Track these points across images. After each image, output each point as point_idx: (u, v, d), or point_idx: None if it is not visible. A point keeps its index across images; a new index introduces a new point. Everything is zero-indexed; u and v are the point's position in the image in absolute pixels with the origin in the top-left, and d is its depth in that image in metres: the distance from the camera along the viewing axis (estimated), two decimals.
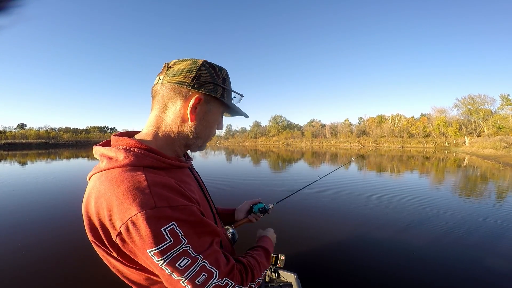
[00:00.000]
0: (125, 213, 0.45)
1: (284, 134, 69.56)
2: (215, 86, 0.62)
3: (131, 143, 0.56)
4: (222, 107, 0.67)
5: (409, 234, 3.64)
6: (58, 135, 69.26)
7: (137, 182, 0.47)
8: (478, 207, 5.07)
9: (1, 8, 0.62)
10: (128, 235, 0.45)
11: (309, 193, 6.30)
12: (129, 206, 0.44)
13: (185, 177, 0.62)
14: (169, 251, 0.45)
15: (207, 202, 0.67)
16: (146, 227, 0.44)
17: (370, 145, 45.31)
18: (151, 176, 0.50)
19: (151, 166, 0.53)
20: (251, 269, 0.62)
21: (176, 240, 0.46)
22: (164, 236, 0.45)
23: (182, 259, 0.47)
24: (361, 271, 2.63)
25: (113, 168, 0.51)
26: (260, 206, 1.06)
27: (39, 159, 18.38)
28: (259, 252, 0.74)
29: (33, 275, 2.55)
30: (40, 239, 3.44)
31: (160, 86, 0.61)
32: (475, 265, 2.77)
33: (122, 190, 0.46)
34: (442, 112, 46.23)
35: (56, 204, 5.28)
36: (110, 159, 0.53)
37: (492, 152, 19.71)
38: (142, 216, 0.44)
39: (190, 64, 0.60)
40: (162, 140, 0.62)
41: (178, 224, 0.47)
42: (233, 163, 15.20)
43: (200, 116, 0.62)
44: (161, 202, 0.46)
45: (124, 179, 0.48)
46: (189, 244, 0.48)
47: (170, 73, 0.60)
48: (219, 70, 0.64)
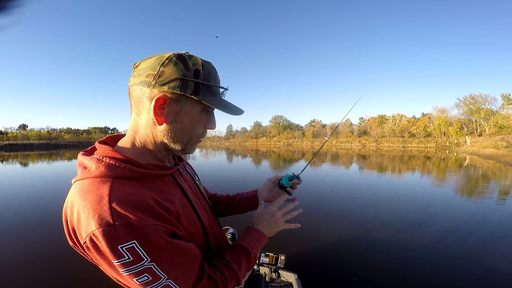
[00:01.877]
0: (87, 226, 0.45)
1: (285, 134, 69.47)
2: (184, 81, 0.53)
3: (105, 152, 0.54)
4: (199, 104, 0.57)
5: (410, 234, 3.65)
6: (59, 136, 69.42)
7: (99, 197, 0.46)
8: (479, 207, 5.08)
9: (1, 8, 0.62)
10: (91, 246, 0.45)
11: (309, 193, 6.31)
12: (90, 221, 0.44)
13: (164, 185, 0.58)
14: (129, 266, 0.45)
15: (192, 209, 0.62)
16: (104, 243, 0.43)
17: (371, 145, 45.24)
18: (117, 190, 0.48)
19: (123, 177, 0.51)
20: (224, 285, 0.59)
21: (135, 258, 0.45)
22: (122, 253, 0.44)
23: (143, 276, 0.46)
24: (361, 271, 2.64)
25: (85, 179, 0.50)
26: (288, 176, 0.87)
27: (40, 160, 18.46)
28: (238, 258, 0.65)
29: (36, 274, 2.58)
30: (40, 239, 3.47)
31: (129, 88, 0.56)
32: (477, 265, 2.78)
33: (86, 203, 0.46)
34: (443, 112, 46.15)
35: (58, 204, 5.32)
36: (84, 169, 0.52)
37: (493, 152, 19.66)
38: (100, 232, 0.43)
39: (154, 60, 0.54)
40: (139, 146, 0.58)
41: (139, 242, 0.45)
42: (233, 164, 15.23)
43: (170, 118, 0.55)
44: (119, 219, 0.44)
45: (90, 192, 0.47)
46: (153, 262, 0.47)
47: (136, 73, 0.55)
48: (191, 63, 0.55)
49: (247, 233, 0.73)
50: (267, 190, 0.93)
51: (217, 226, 0.77)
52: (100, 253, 0.46)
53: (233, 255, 0.66)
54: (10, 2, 0.63)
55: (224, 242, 0.76)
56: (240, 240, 0.70)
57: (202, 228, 0.63)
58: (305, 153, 26.06)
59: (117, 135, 0.65)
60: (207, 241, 0.64)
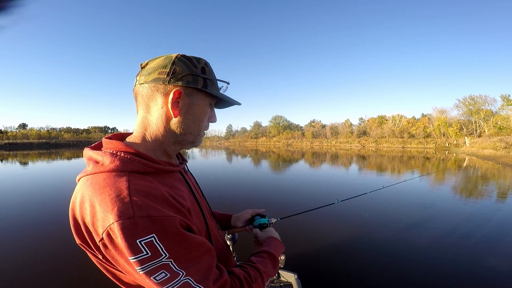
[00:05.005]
0: (105, 220, 0.44)
1: (285, 134, 69.41)
2: (194, 77, 0.59)
3: (118, 147, 0.55)
4: (207, 97, 0.64)
5: (410, 235, 3.67)
6: (59, 135, 69.24)
7: (118, 190, 0.46)
8: (478, 208, 5.10)
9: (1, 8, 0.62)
10: (109, 242, 0.45)
11: (310, 193, 6.34)
12: (108, 214, 0.44)
13: (174, 182, 0.60)
14: (146, 263, 0.44)
15: (198, 208, 0.64)
16: (122, 237, 0.43)
17: (371, 145, 45.25)
18: (135, 183, 0.48)
19: (138, 171, 0.52)
20: (249, 284, 0.58)
21: (154, 254, 0.44)
22: (140, 248, 0.43)
23: (160, 272, 0.45)
24: (361, 271, 2.66)
25: (99, 173, 0.50)
26: (262, 221, 0.93)
27: (40, 159, 18.45)
28: (263, 260, 0.68)
29: (40, 275, 2.60)
30: (42, 239, 3.49)
31: (138, 87, 0.60)
32: (476, 265, 2.80)
33: (103, 197, 0.46)
34: (442, 113, 46.13)
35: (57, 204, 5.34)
36: (96, 163, 0.52)
37: (492, 153, 19.70)
38: (118, 225, 0.43)
39: (164, 60, 0.59)
40: (150, 142, 0.60)
41: (158, 237, 0.45)
42: (233, 163, 15.23)
43: (184, 110, 0.60)
44: (140, 212, 0.44)
45: (107, 185, 0.47)
46: (171, 258, 0.46)
47: (145, 72, 0.59)
48: (196, 61, 0.61)
49: (269, 241, 0.80)
50: (243, 219, 0.97)
51: (216, 227, 0.80)
52: (117, 250, 0.45)
53: (259, 257, 0.69)
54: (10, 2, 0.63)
55: (224, 243, 0.79)
56: (265, 246, 0.76)
57: (206, 226, 0.65)
58: (304, 153, 26.06)
59: (123, 133, 0.66)
60: (209, 240, 0.66)
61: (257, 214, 0.98)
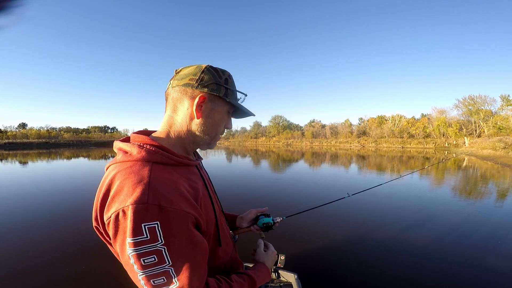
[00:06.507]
0: (122, 201, 0.50)
1: (284, 134, 69.31)
2: (218, 86, 0.68)
3: (145, 140, 0.62)
4: (226, 105, 0.71)
5: (410, 234, 3.69)
6: (59, 135, 68.98)
7: (141, 177, 0.52)
8: (476, 208, 5.12)
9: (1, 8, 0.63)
10: (114, 222, 0.50)
11: (309, 193, 6.36)
12: (127, 197, 0.49)
13: (191, 174, 0.67)
14: (141, 245, 0.49)
15: (210, 201, 0.70)
16: (131, 219, 0.48)
17: (370, 145, 45.28)
18: (156, 173, 0.55)
19: (160, 162, 0.59)
20: None
21: (152, 238, 0.49)
22: (142, 231, 0.48)
23: (151, 257, 0.50)
24: (361, 271, 2.67)
25: (126, 161, 0.58)
26: (265, 220, 0.97)
27: (40, 158, 18.44)
28: (242, 282, 0.69)
29: (47, 272, 2.61)
30: (45, 237, 3.51)
31: (170, 90, 0.69)
32: (475, 265, 2.81)
33: (127, 181, 0.52)
34: (442, 113, 46.13)
35: (62, 203, 5.35)
36: (125, 153, 0.60)
37: (491, 153, 19.74)
38: (132, 208, 0.48)
39: (195, 68, 0.68)
40: (173, 138, 0.68)
41: (161, 224, 0.49)
42: (233, 162, 15.25)
43: (205, 113, 0.68)
44: (153, 199, 0.50)
45: (132, 172, 0.54)
46: (165, 246, 0.50)
47: (178, 77, 0.69)
48: (222, 72, 0.70)
49: (258, 267, 0.80)
50: (248, 220, 1.01)
51: (225, 221, 0.86)
52: (118, 230, 0.50)
53: (240, 278, 0.70)
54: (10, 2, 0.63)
55: (231, 238, 0.84)
56: (251, 270, 0.78)
57: (215, 220, 0.70)
58: (304, 153, 26.08)
59: (149, 130, 0.75)
60: (217, 233, 0.72)
61: (261, 214, 1.00)
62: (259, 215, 1.00)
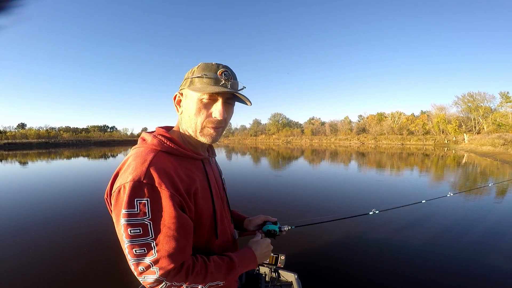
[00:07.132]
0: (125, 178, 0.59)
1: (284, 131, 69.21)
2: (187, 80, 0.73)
3: (161, 132, 0.72)
4: (195, 94, 0.70)
5: (409, 232, 3.70)
6: (58, 135, 68.63)
7: (144, 160, 0.62)
8: (475, 205, 5.13)
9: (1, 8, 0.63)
10: (117, 194, 0.59)
11: (309, 193, 6.36)
12: (129, 175, 0.59)
13: (192, 166, 0.73)
14: (131, 216, 0.57)
15: (209, 193, 0.75)
16: (128, 193, 0.57)
17: (370, 142, 45.30)
18: (157, 159, 0.63)
19: (166, 151, 0.68)
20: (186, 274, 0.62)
21: (141, 212, 0.57)
22: (134, 204, 0.57)
23: (137, 228, 0.57)
24: (361, 271, 2.68)
25: (141, 147, 0.68)
26: (270, 227, 0.98)
27: (39, 158, 18.41)
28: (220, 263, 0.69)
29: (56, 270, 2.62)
30: (48, 237, 3.52)
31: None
32: (474, 262, 2.82)
33: (133, 162, 0.62)
34: (441, 110, 46.08)
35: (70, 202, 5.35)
36: (143, 141, 0.71)
37: (490, 149, 19.76)
38: (130, 185, 0.57)
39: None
40: (181, 134, 0.77)
41: (151, 201, 0.58)
42: (234, 162, 15.24)
43: (182, 108, 0.75)
44: (148, 179, 0.58)
45: (140, 155, 0.63)
46: (151, 220, 0.58)
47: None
48: (197, 66, 0.73)
49: (244, 252, 0.79)
50: (255, 224, 1.03)
51: (229, 218, 0.88)
52: (118, 202, 0.58)
53: (219, 259, 0.70)
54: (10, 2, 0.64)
55: (231, 235, 0.87)
56: (235, 253, 0.76)
57: (213, 212, 0.74)
58: (304, 150, 26.08)
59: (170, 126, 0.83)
60: (215, 225, 0.74)
61: (268, 221, 1.01)
62: (266, 222, 1.02)
